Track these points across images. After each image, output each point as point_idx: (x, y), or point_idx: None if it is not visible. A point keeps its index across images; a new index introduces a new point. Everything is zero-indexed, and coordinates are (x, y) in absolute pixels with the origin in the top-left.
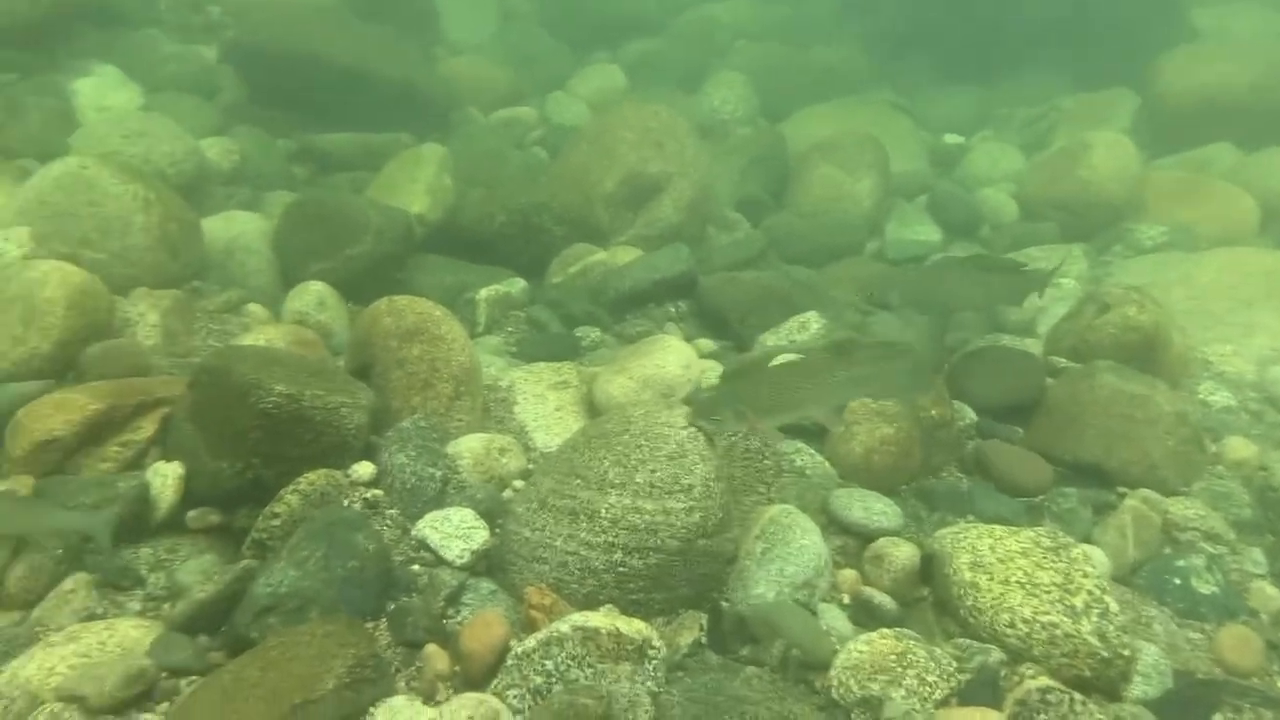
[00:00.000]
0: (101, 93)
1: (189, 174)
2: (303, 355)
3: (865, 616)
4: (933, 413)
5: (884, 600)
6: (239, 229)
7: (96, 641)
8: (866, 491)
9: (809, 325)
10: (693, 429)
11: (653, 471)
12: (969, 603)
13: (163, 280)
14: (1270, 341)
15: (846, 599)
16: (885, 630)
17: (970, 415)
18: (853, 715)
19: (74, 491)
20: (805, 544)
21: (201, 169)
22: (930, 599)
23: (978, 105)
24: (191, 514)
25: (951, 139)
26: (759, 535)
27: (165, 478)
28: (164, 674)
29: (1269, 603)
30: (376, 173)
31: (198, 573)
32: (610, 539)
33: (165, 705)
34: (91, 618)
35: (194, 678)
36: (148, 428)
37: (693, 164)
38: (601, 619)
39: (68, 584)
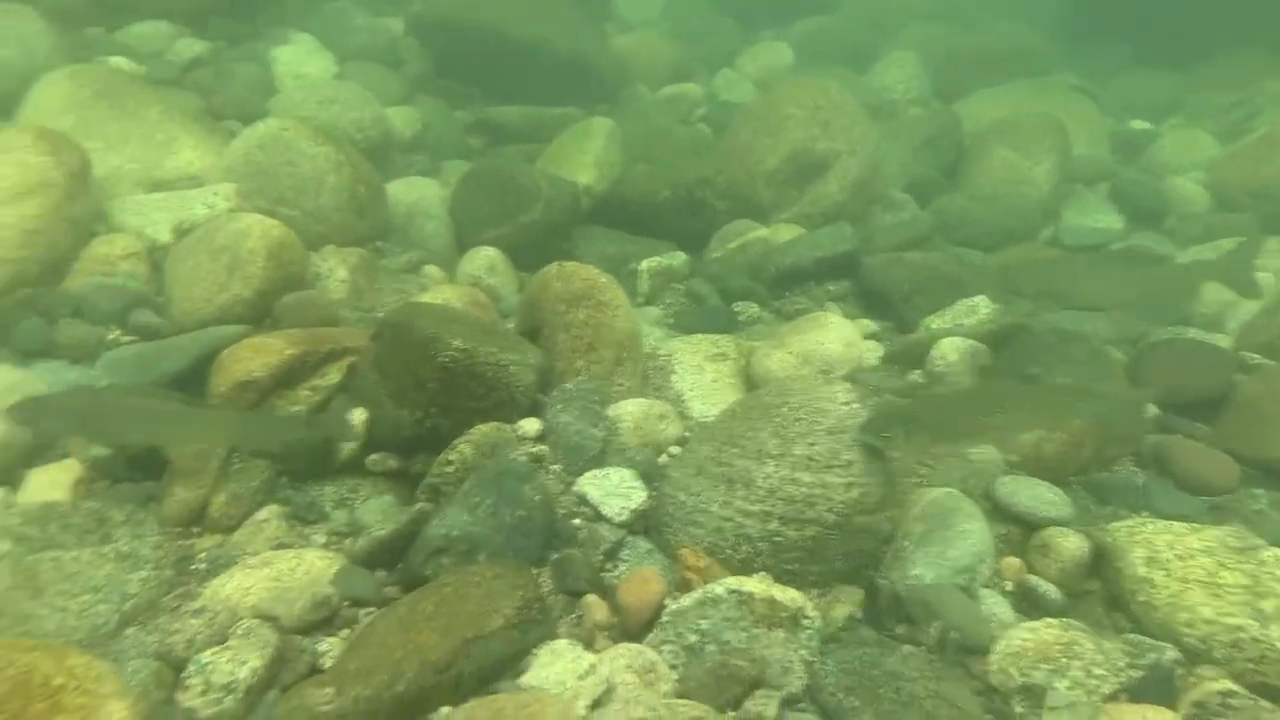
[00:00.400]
0: (298, 60)
1: (375, 140)
2: (477, 315)
3: (1029, 605)
4: None
5: (1049, 590)
6: (419, 194)
7: (287, 568)
8: (1035, 480)
9: (978, 309)
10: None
11: (811, 445)
12: (1142, 599)
13: (350, 239)
14: None
15: (1009, 586)
16: (1050, 620)
17: (1151, 409)
18: (1013, 702)
19: None
20: (968, 528)
21: (386, 136)
22: (1100, 593)
23: (1170, 90)
24: (372, 457)
25: (1138, 124)
26: (919, 516)
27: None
28: (345, 603)
29: None
30: (546, 145)
31: (377, 512)
32: (767, 508)
33: (346, 632)
34: (281, 546)
35: (371, 609)
36: (335, 375)
37: (860, 143)
38: (756, 585)
39: (262, 514)
